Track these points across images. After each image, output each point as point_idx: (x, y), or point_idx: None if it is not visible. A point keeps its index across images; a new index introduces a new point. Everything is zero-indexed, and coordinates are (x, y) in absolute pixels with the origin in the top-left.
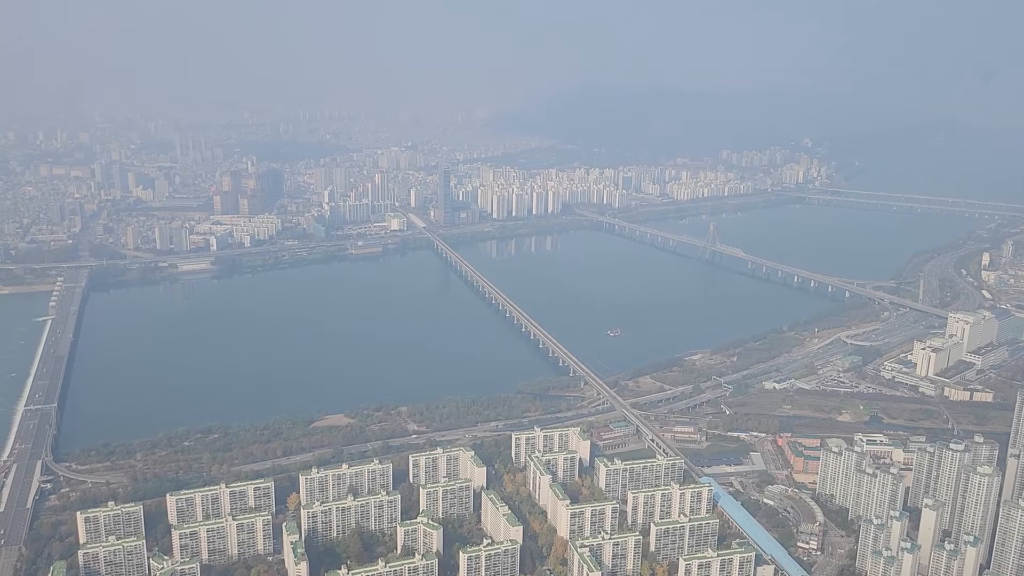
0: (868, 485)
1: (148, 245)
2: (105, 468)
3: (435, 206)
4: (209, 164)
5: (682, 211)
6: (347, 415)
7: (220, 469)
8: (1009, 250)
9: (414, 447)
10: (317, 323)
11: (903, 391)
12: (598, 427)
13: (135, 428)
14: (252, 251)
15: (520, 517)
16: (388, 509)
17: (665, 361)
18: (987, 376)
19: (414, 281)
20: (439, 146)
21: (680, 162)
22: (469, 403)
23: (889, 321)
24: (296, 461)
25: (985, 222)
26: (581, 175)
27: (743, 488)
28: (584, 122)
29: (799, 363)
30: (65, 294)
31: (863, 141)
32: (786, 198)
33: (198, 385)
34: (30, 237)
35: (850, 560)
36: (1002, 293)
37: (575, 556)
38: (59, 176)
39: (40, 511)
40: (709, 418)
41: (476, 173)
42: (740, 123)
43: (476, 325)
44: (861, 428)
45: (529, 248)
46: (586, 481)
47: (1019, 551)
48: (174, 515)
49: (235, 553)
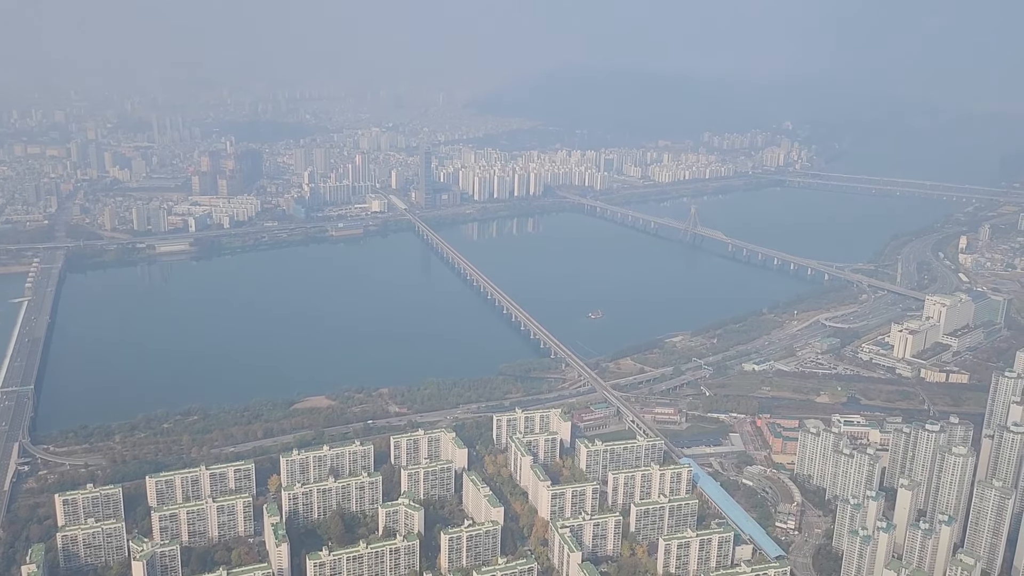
0: (845, 465)
1: (125, 226)
2: (83, 450)
3: (416, 188)
4: (187, 144)
5: (663, 193)
6: (328, 397)
7: (200, 451)
8: (986, 233)
9: (395, 429)
10: (297, 305)
11: (880, 373)
12: (579, 409)
13: (113, 410)
14: (231, 232)
15: (501, 498)
16: (369, 491)
17: (646, 343)
18: (963, 358)
19: (395, 263)
20: (420, 127)
21: (662, 144)
22: (451, 385)
23: (867, 304)
24: (277, 443)
25: (963, 206)
26: (563, 157)
27: (722, 469)
28: (566, 104)
29: (778, 345)
30: (41, 275)
31: (844, 125)
32: (767, 181)
33: (177, 367)
34: (5, 217)
35: (827, 539)
36: (979, 276)
37: (556, 536)
38: (34, 155)
39: (17, 493)
40: (689, 399)
41: (457, 154)
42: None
43: (457, 307)
44: (839, 409)
45: (511, 230)
46: (567, 462)
47: (992, 530)
48: (153, 497)
49: (215, 535)
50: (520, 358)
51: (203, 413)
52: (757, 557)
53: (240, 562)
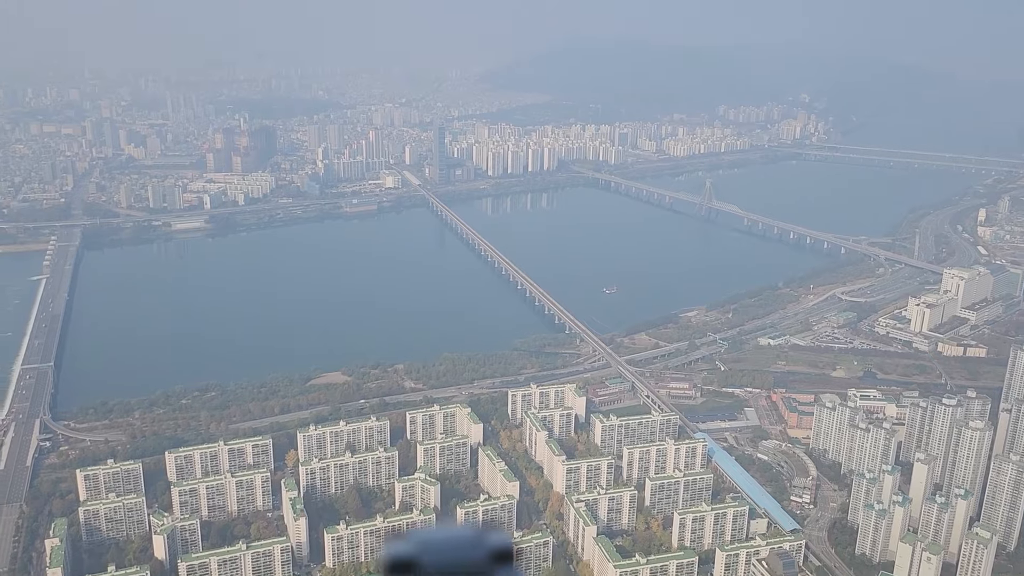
0: (861, 440)
1: (141, 204)
2: (103, 426)
3: (430, 163)
4: (201, 121)
5: (678, 167)
6: (344, 373)
7: (218, 427)
8: (1005, 206)
9: (411, 404)
10: (313, 281)
11: (897, 347)
12: (594, 384)
13: (132, 387)
14: (246, 209)
15: (516, 473)
16: (386, 465)
17: (661, 318)
18: (981, 331)
19: (409, 239)
20: (434, 102)
21: (677, 118)
22: (466, 360)
23: (884, 277)
24: (294, 418)
25: (982, 178)
26: (577, 131)
27: (737, 443)
28: (580, 77)
29: (794, 319)
30: (59, 253)
31: (861, 96)
32: (783, 154)
33: (194, 344)
34: (22, 196)
35: (842, 513)
36: (997, 249)
37: (571, 511)
38: (50, 134)
39: (39, 469)
40: (704, 374)
41: (471, 130)
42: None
43: (472, 283)
44: (855, 384)
45: (525, 205)
46: (582, 437)
47: (1009, 504)
48: (173, 472)
49: (234, 509)
50: (535, 333)
51: (220, 389)
52: (772, 531)
53: (259, 536)
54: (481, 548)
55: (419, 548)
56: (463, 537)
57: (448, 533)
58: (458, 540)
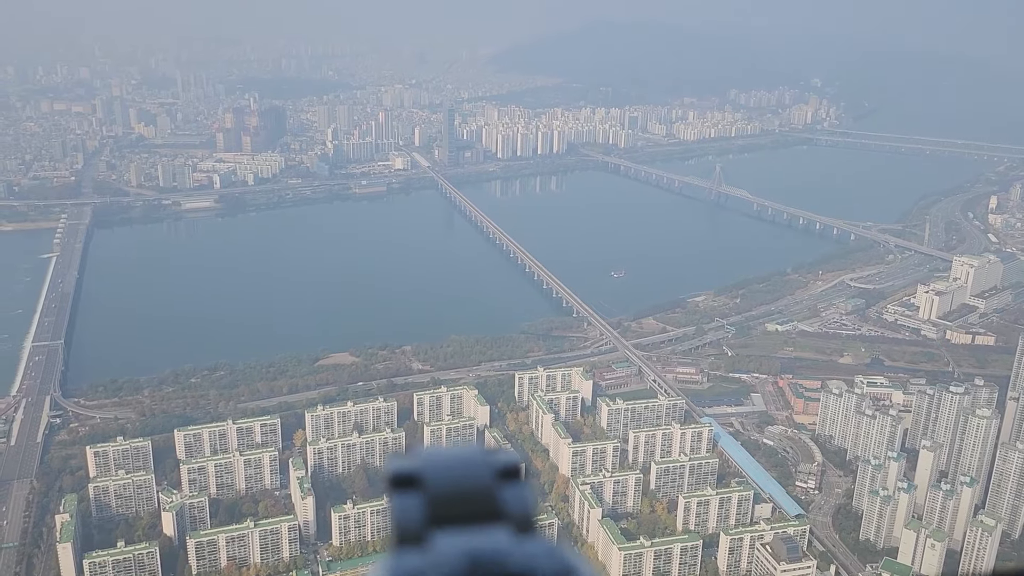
0: (867, 426)
1: (151, 182)
2: (113, 404)
3: (439, 145)
4: (211, 101)
5: (688, 152)
6: (351, 354)
7: (227, 406)
8: (1017, 193)
9: (418, 386)
10: (321, 262)
11: (905, 334)
12: (600, 367)
13: (141, 365)
14: (256, 189)
15: (522, 455)
16: (393, 446)
17: (668, 302)
18: (990, 319)
19: (418, 221)
20: (443, 84)
21: (687, 102)
22: (473, 342)
23: (893, 264)
24: (302, 398)
25: (994, 165)
26: (587, 115)
27: (743, 428)
28: (590, 60)
29: (802, 305)
30: (69, 231)
31: (874, 81)
32: (794, 139)
33: (203, 323)
34: (33, 174)
35: (847, 499)
36: (1008, 237)
37: (576, 493)
38: (60, 112)
39: (50, 445)
40: (711, 359)
41: (481, 112)
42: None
43: (480, 265)
44: (862, 370)
45: (534, 188)
46: (588, 420)
47: (1015, 492)
48: (182, 450)
49: (243, 487)
50: (542, 316)
51: (229, 368)
52: (776, 515)
53: (267, 514)
54: (487, 465)
55: (424, 464)
56: (469, 455)
57: (454, 451)
58: (464, 457)
